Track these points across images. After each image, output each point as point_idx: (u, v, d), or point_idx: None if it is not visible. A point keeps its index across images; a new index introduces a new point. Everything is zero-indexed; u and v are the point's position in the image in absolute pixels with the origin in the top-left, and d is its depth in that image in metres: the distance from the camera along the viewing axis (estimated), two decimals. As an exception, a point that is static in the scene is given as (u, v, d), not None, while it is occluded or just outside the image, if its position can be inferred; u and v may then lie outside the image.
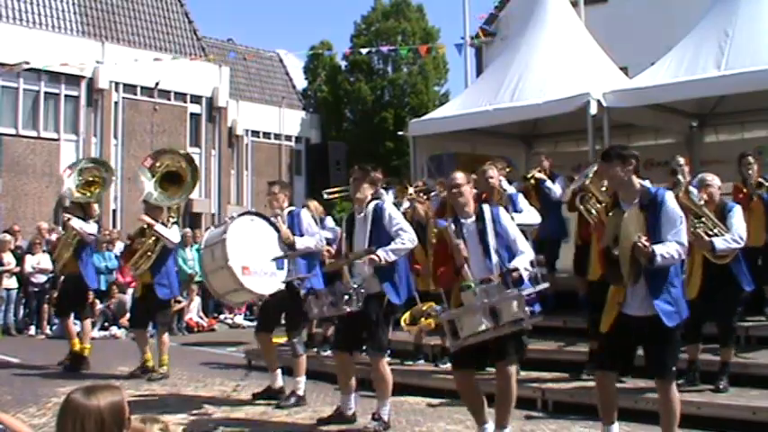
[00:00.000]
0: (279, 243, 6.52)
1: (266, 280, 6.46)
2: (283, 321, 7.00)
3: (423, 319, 5.13)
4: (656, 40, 13.01)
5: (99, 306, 12.99)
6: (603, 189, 6.15)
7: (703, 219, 6.06)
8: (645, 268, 4.31)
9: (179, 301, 13.42)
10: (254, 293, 6.50)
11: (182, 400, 7.02)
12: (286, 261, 6.48)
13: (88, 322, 8.95)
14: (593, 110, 8.65)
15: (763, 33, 8.31)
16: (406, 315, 5.15)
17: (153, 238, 8.17)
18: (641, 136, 10.75)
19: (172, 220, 8.38)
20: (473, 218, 5.13)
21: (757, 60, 7.92)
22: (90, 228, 8.66)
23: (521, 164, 11.43)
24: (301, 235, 6.62)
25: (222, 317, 14.41)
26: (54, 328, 12.16)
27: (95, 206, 9.20)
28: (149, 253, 8.14)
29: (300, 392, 6.67)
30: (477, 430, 5.10)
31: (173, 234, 8.24)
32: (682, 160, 7.70)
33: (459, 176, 5.24)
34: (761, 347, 6.87)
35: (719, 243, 5.92)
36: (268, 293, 6.50)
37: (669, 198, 4.50)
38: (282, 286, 6.44)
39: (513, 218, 5.50)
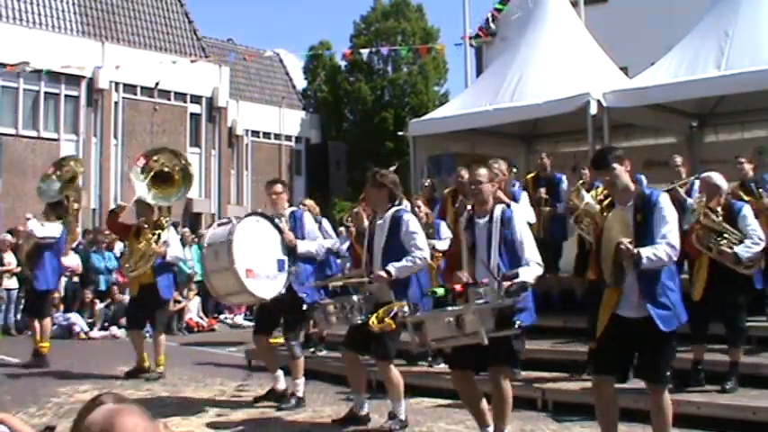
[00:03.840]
0: (281, 246, 6.49)
1: (268, 283, 6.36)
2: (281, 323, 6.98)
3: (386, 319, 5.05)
4: (656, 40, 13.00)
5: (99, 306, 13.03)
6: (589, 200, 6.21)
7: (725, 234, 6.00)
8: (638, 271, 4.25)
9: (178, 301, 13.44)
10: (255, 297, 6.41)
11: (182, 400, 7.02)
12: (287, 264, 6.45)
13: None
14: (593, 110, 8.64)
15: (763, 33, 8.30)
16: (376, 314, 5.15)
17: (151, 238, 8.09)
18: (641, 136, 10.75)
19: (165, 220, 8.24)
20: (486, 218, 5.00)
21: (757, 60, 7.91)
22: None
23: (521, 164, 11.43)
24: (303, 238, 6.60)
25: (222, 317, 14.43)
26: (54, 328, 12.16)
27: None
28: (149, 255, 8.01)
29: (300, 394, 6.65)
30: None
31: (177, 252, 8.21)
32: (678, 159, 7.71)
33: (482, 173, 5.09)
34: (761, 348, 6.87)
35: (742, 252, 5.88)
36: (269, 297, 6.41)
37: (663, 199, 4.41)
38: (283, 290, 6.40)
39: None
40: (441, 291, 4.86)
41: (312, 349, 8.95)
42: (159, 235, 8.07)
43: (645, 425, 5.53)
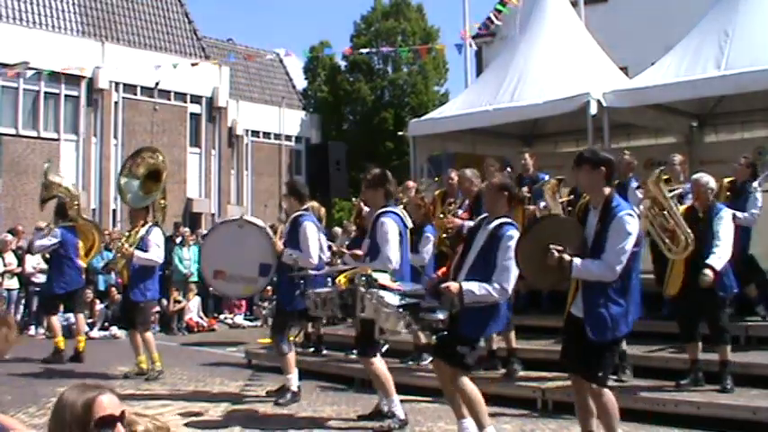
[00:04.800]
0: (269, 251, 6.56)
1: (243, 285, 6.72)
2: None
3: (341, 279, 5.31)
4: (656, 40, 13.00)
5: (99, 306, 13.02)
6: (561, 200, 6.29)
7: (665, 212, 6.06)
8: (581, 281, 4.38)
9: (178, 301, 13.44)
10: (222, 294, 6.77)
11: (182, 399, 7.02)
12: (272, 270, 6.57)
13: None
14: (593, 110, 8.64)
15: (763, 33, 8.29)
16: (345, 274, 5.32)
17: (125, 238, 8.22)
18: (641, 136, 10.76)
19: (150, 222, 8.25)
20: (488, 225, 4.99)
21: (757, 60, 7.91)
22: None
23: (520, 165, 11.41)
24: (296, 246, 6.50)
25: (222, 317, 14.41)
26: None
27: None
28: (118, 256, 8.16)
29: (294, 388, 6.67)
30: (457, 424, 5.12)
31: (151, 255, 8.06)
32: (677, 158, 7.70)
33: (497, 180, 5.19)
34: (761, 347, 6.87)
35: (716, 263, 5.83)
36: (236, 297, 6.74)
37: (622, 217, 4.29)
38: (257, 293, 6.58)
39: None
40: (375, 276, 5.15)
41: (312, 349, 8.96)
42: (130, 235, 8.14)
43: (645, 425, 5.55)
